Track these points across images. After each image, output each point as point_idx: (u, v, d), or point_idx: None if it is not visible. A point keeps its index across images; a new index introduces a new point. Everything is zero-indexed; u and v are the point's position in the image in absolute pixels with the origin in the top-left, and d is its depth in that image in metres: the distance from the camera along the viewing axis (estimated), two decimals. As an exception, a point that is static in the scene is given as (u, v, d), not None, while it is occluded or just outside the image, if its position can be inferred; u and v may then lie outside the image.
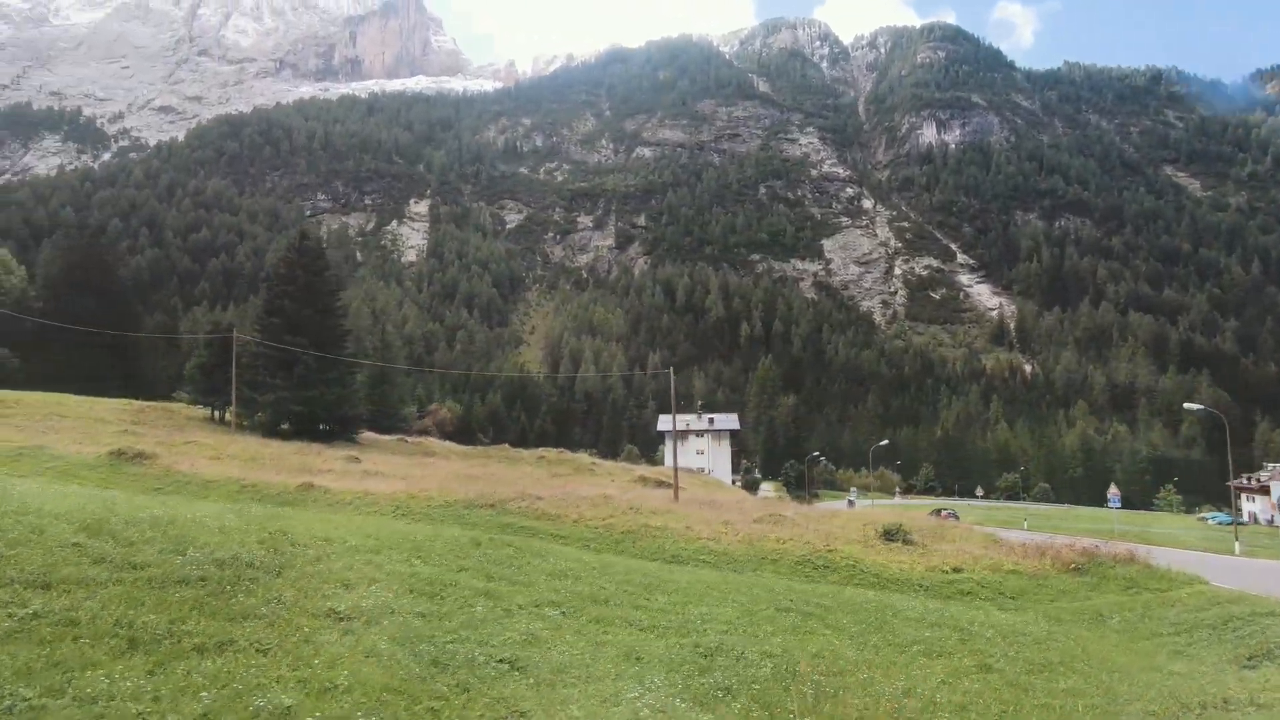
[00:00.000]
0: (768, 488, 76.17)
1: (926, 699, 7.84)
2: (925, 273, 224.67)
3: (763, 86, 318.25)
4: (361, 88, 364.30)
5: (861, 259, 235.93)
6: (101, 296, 62.68)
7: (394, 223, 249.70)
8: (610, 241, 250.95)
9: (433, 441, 52.77)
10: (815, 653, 9.29)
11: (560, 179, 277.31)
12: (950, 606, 13.59)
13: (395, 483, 22.38)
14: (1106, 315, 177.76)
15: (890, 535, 19.64)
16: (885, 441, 76.74)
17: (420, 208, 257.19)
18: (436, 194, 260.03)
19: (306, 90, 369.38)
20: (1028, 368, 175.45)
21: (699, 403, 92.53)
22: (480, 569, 11.10)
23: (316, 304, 42.71)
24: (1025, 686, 8.78)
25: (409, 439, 50.40)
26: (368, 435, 46.29)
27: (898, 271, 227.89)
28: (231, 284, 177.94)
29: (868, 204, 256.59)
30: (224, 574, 7.82)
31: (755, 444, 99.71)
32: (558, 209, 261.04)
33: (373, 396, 60.35)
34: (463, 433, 68.71)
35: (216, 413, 40.64)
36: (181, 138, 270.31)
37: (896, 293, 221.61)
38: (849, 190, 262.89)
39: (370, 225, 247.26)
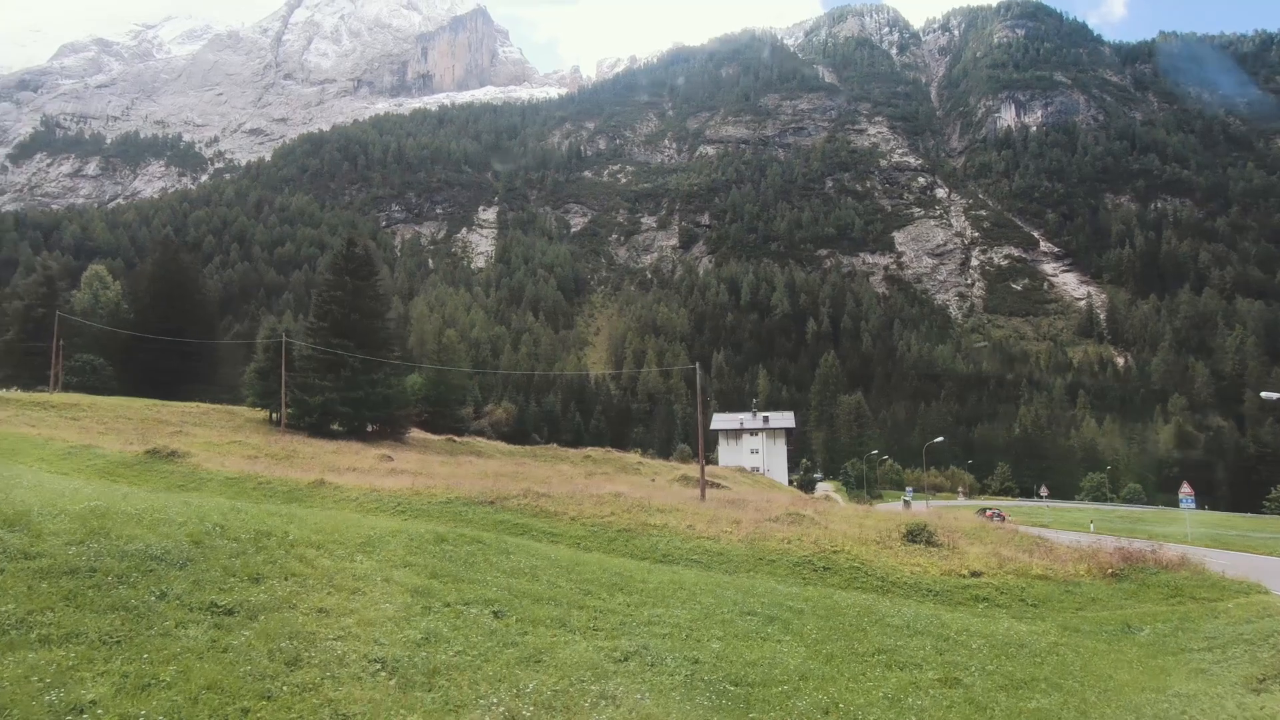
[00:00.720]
0: (826, 487, 73.75)
1: (849, 716, 6.97)
2: (1005, 263, 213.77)
3: (828, 77, 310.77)
4: (432, 101, 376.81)
5: (936, 250, 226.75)
6: (183, 307, 66.77)
7: (464, 230, 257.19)
8: (674, 241, 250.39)
9: (481, 441, 53.63)
10: (752, 660, 8.53)
11: (624, 181, 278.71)
12: (950, 613, 12.44)
13: (406, 479, 22.59)
14: (1210, 302, 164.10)
15: (914, 536, 18.34)
16: (940, 439, 72.64)
17: (488, 215, 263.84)
18: (504, 201, 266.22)
19: (382, 106, 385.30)
20: (1119, 360, 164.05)
21: (754, 400, 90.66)
22: (426, 566, 10.80)
23: (362, 309, 44.12)
24: (985, 705, 7.76)
25: (458, 439, 51.36)
26: (418, 435, 47.51)
27: (975, 262, 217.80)
28: (312, 294, 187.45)
29: (941, 193, 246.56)
30: (121, 565, 7.75)
31: (817, 442, 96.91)
32: (621, 211, 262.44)
33: (429, 398, 61.93)
34: (517, 433, 69.72)
35: (274, 414, 42.59)
36: (269, 157, 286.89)
37: (974, 284, 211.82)
38: (921, 180, 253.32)
39: (441, 233, 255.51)
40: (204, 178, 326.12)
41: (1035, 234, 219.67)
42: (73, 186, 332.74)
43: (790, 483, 71.03)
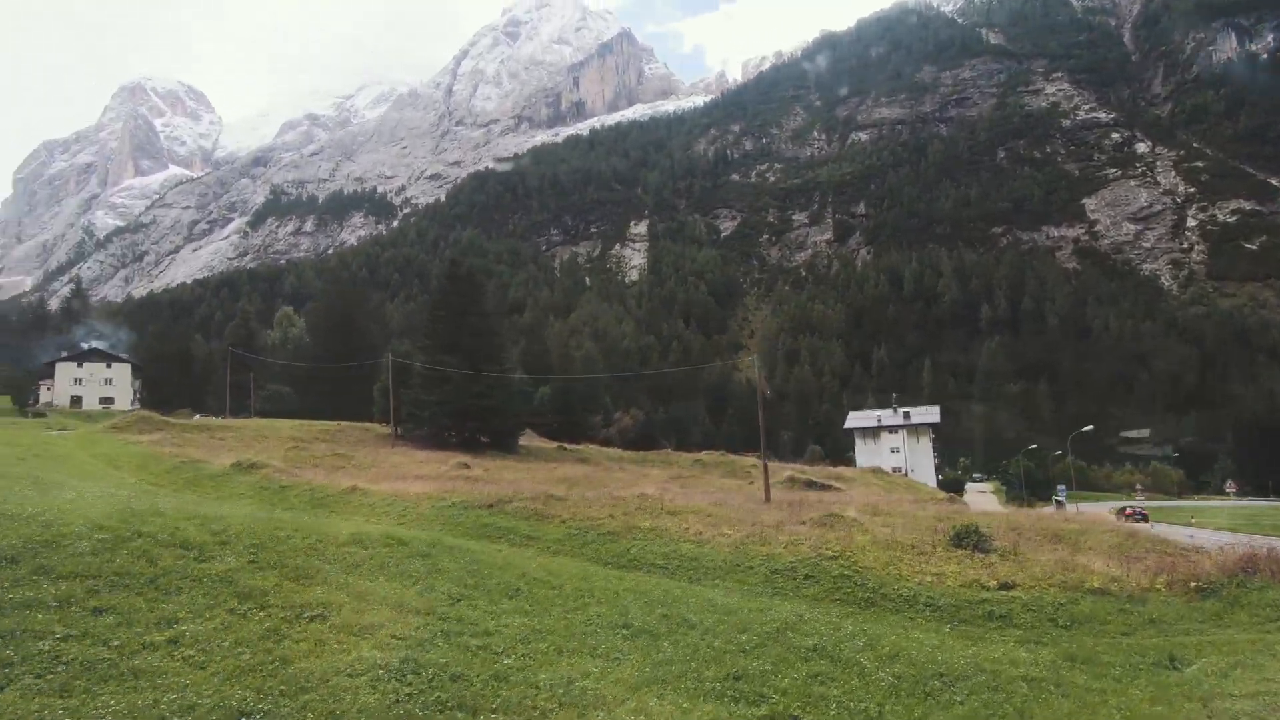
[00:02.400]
0: (984, 487, 65.64)
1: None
2: (1233, 219, 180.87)
3: (994, 39, 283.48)
4: (584, 126, 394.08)
5: (1138, 214, 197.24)
6: (351, 337, 74.93)
7: (617, 246, 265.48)
8: (828, 235, 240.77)
9: (593, 448, 54.23)
10: (549, 679, 7.29)
11: (772, 179, 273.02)
12: (916, 633, 10.05)
13: (443, 484, 23.07)
14: None
15: (960, 540, 15.43)
16: (1138, 432, 61.58)
17: (640, 228, 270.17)
18: (653, 213, 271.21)
19: (540, 137, 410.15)
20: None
21: (893, 396, 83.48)
22: (292, 566, 10.60)
23: (469, 325, 46.54)
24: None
25: (569, 446, 52.37)
26: (532, 444, 49.07)
27: (1192, 223, 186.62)
28: (485, 317, 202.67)
29: (1142, 148, 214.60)
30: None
31: (979, 438, 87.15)
32: (771, 210, 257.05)
33: (558, 408, 63.93)
34: (644, 439, 69.90)
35: (399, 428, 46.24)
36: (443, 198, 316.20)
37: (1191, 249, 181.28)
38: (1115, 136, 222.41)
39: (596, 251, 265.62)
40: (395, 223, 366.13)
41: (1272, 181, 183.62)
42: (295, 243, 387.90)
43: (939, 483, 64.24)
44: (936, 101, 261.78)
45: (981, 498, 58.08)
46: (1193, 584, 11.58)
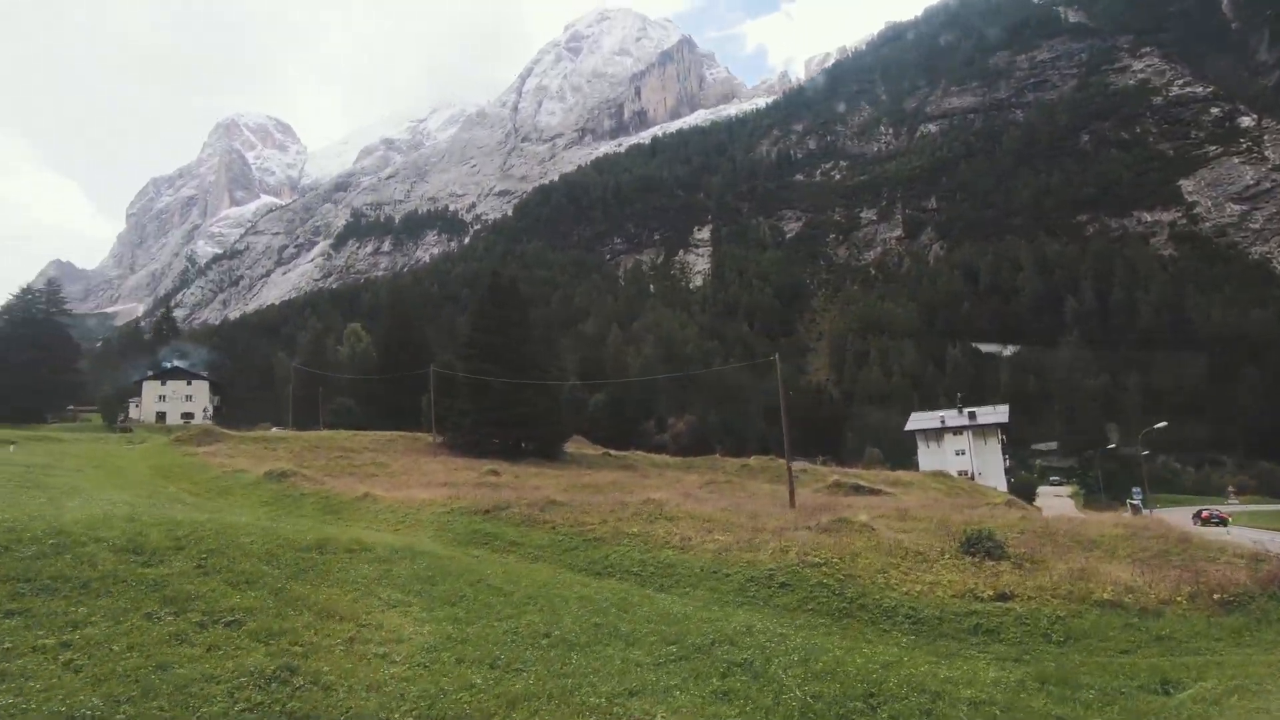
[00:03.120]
0: (1061, 490, 61.01)
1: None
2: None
3: (1073, 17, 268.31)
4: (647, 135, 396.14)
5: (1244, 194, 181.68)
6: (410, 352, 77.21)
7: (680, 252, 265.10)
8: (898, 232, 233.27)
9: (639, 455, 53.70)
10: (421, 690, 6.88)
11: (838, 177, 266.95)
12: (875, 647, 9.14)
13: (444, 491, 23.08)
14: None
15: (971, 546, 14.17)
16: (1163, 424, 55.34)
17: (703, 234, 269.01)
18: (717, 218, 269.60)
19: (604, 148, 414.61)
20: None
21: (959, 395, 79.05)
22: (226, 570, 10.60)
23: (509, 334, 47.02)
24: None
25: (615, 453, 52.06)
26: (580, 451, 49.03)
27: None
28: (548, 326, 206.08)
29: (1247, 121, 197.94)
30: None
31: (1057, 438, 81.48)
32: (837, 209, 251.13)
33: (612, 415, 63.87)
34: (697, 444, 68.86)
35: (447, 437, 47.09)
36: (510, 213, 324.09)
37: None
38: (1214, 110, 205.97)
39: (660, 258, 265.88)
40: (465, 239, 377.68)
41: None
42: (374, 263, 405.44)
43: (1010, 487, 60.29)
44: (1012, 87, 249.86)
45: (1057, 501, 54.12)
46: (1216, 596, 10.09)
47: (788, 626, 10.13)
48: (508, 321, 48.09)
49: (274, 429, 69.20)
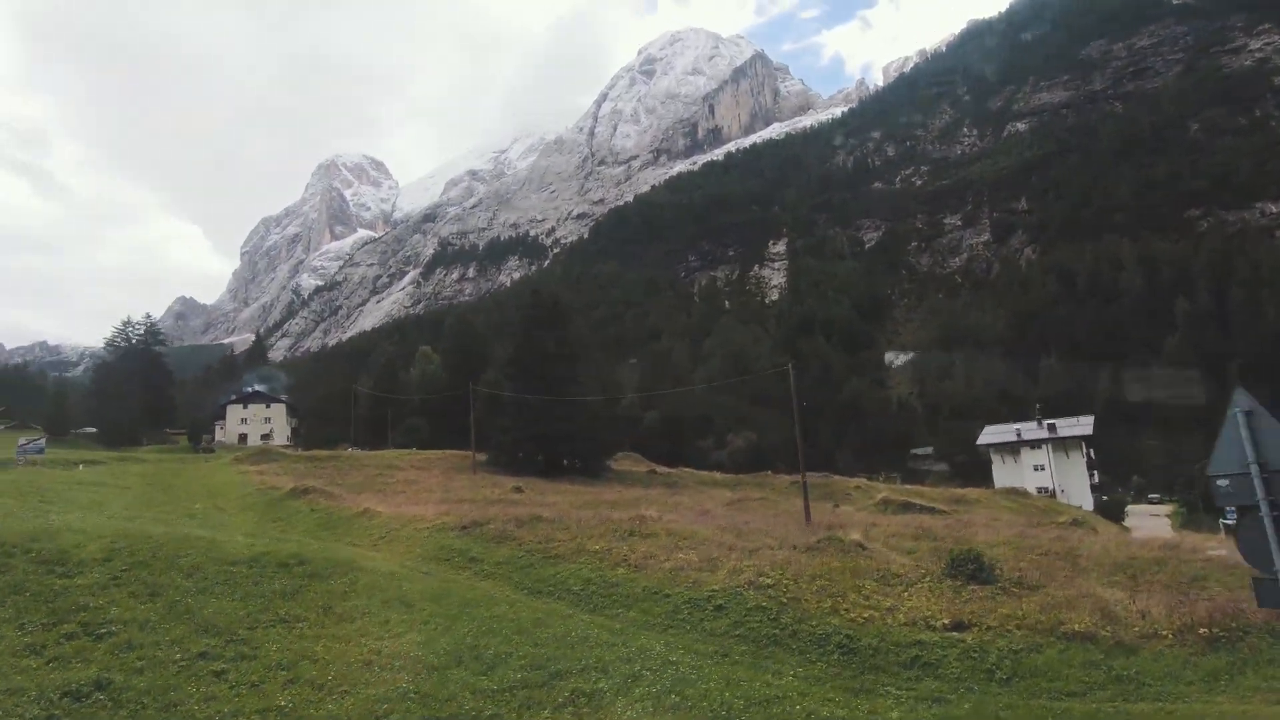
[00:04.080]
0: (1159, 510, 54.87)
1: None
2: None
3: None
4: (720, 152, 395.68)
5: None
6: (472, 372, 79.17)
7: (756, 267, 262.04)
8: (985, 236, 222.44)
9: (687, 472, 52.34)
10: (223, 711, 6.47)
11: (919, 183, 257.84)
12: (769, 679, 8.02)
13: (443, 507, 22.83)
14: None
15: (955, 569, 12.67)
16: None
17: (778, 247, 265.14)
18: (792, 231, 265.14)
19: (679, 167, 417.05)
20: None
21: (1036, 406, 73.02)
22: (137, 583, 10.58)
23: (550, 352, 47.12)
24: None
25: (660, 470, 51.03)
26: (626, 468, 48.34)
27: None
28: (621, 345, 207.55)
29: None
30: None
31: (1159, 454, 73.91)
32: (919, 215, 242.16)
33: (667, 432, 63.09)
34: (757, 460, 66.66)
35: (491, 454, 47.60)
36: (587, 235, 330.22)
37: None
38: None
39: (735, 274, 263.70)
40: (546, 263, 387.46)
41: None
42: (460, 288, 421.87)
43: (1098, 506, 54.92)
44: (1108, 78, 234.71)
45: (1152, 521, 48.70)
46: (1203, 631, 8.37)
47: (692, 653, 9.11)
48: (548, 339, 48.39)
49: (350, 449, 72.32)
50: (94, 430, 71.92)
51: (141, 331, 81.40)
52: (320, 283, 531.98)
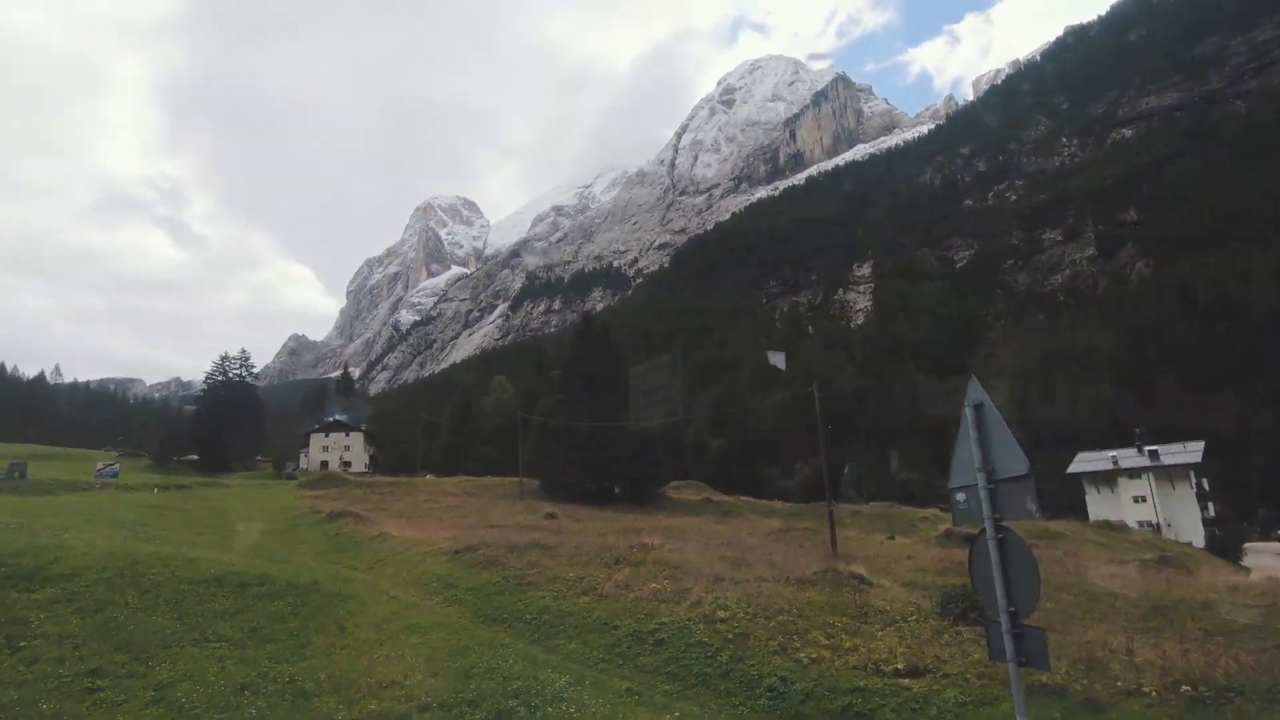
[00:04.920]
0: None
1: None
2: None
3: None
4: (802, 177, 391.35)
5: None
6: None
7: (839, 291, 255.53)
8: (1090, 251, 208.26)
9: (746, 501, 50.20)
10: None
11: (1013, 198, 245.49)
12: (604, 708, 7.16)
13: (456, 532, 22.55)
14: None
15: (947, 606, 11.29)
16: None
17: (863, 270, 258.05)
18: (877, 253, 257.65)
19: (761, 193, 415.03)
20: None
21: (1137, 431, 65.93)
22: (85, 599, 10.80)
23: (598, 378, 46.85)
24: None
25: (715, 498, 49.33)
26: (682, 496, 47.10)
27: None
28: (704, 372, 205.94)
29: None
30: None
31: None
32: (1015, 232, 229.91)
33: (730, 460, 61.57)
34: (833, 489, 63.23)
35: (541, 482, 47.65)
36: (668, 264, 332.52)
37: None
38: None
39: (818, 299, 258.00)
40: (629, 293, 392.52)
41: None
42: (547, 320, 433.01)
43: (1211, 541, 48.63)
44: (1226, 76, 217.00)
45: (1277, 561, 42.52)
46: (1185, 689, 6.82)
47: (602, 692, 8.27)
48: (596, 365, 48.31)
49: (428, 475, 74.71)
50: (195, 458, 77.98)
51: (237, 365, 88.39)
52: (417, 318, 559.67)
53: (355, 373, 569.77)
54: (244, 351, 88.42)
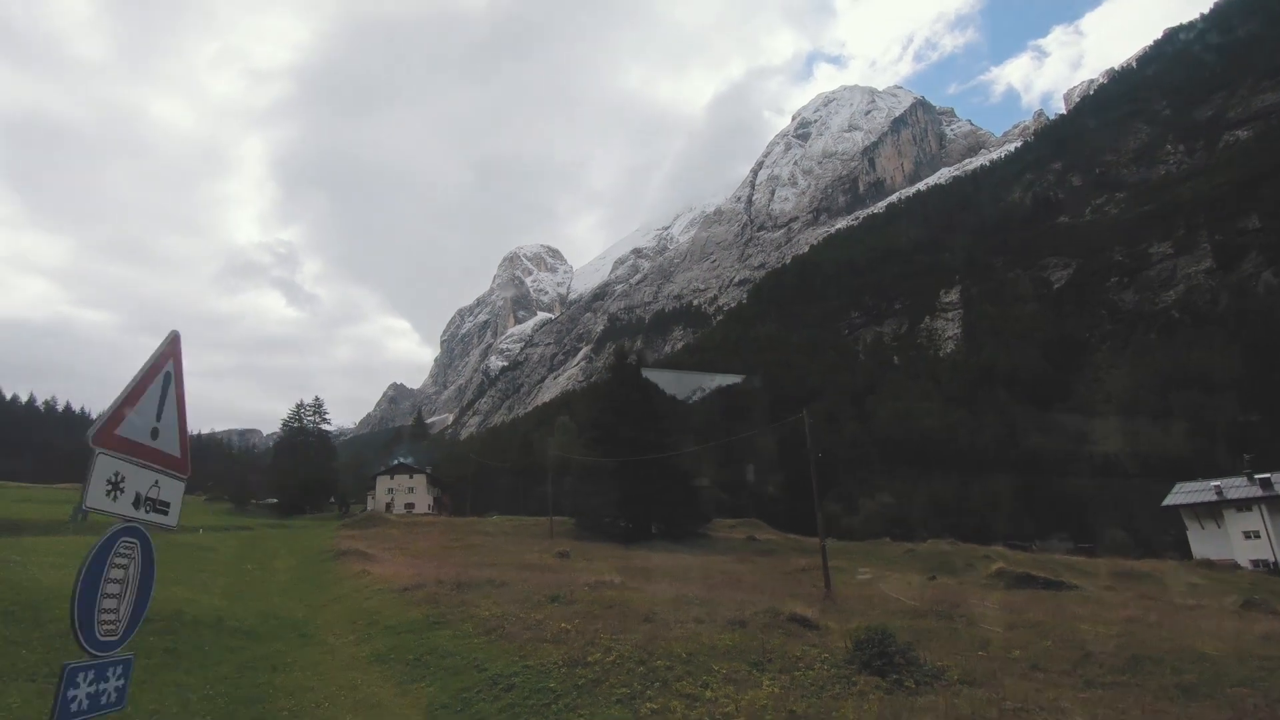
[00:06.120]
0: None
1: None
2: None
3: None
4: (883, 204, 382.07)
5: None
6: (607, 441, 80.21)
7: (926, 319, 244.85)
8: (1207, 264, 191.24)
9: (793, 539, 47.16)
10: None
11: (1114, 211, 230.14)
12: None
13: (424, 567, 21.90)
14: None
15: (862, 653, 9.74)
16: None
17: (950, 296, 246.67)
18: (965, 277, 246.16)
19: (841, 224, 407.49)
20: None
21: (1245, 457, 57.61)
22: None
23: (632, 414, 45.77)
24: None
25: (761, 537, 46.57)
26: (726, 535, 44.90)
27: None
28: (780, 408, 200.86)
29: None
30: None
31: None
32: (1117, 247, 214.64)
33: (792, 496, 59.02)
34: (897, 525, 58.74)
35: (576, 520, 46.69)
36: (746, 301, 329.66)
37: None
38: None
39: (903, 328, 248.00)
40: (709, 330, 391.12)
41: None
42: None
43: None
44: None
45: None
46: None
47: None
48: (629, 402, 47.35)
49: (495, 515, 75.60)
50: (274, 501, 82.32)
51: (311, 412, 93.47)
52: (505, 363, 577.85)
53: (449, 418, 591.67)
54: (317, 399, 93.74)
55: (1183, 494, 55.49)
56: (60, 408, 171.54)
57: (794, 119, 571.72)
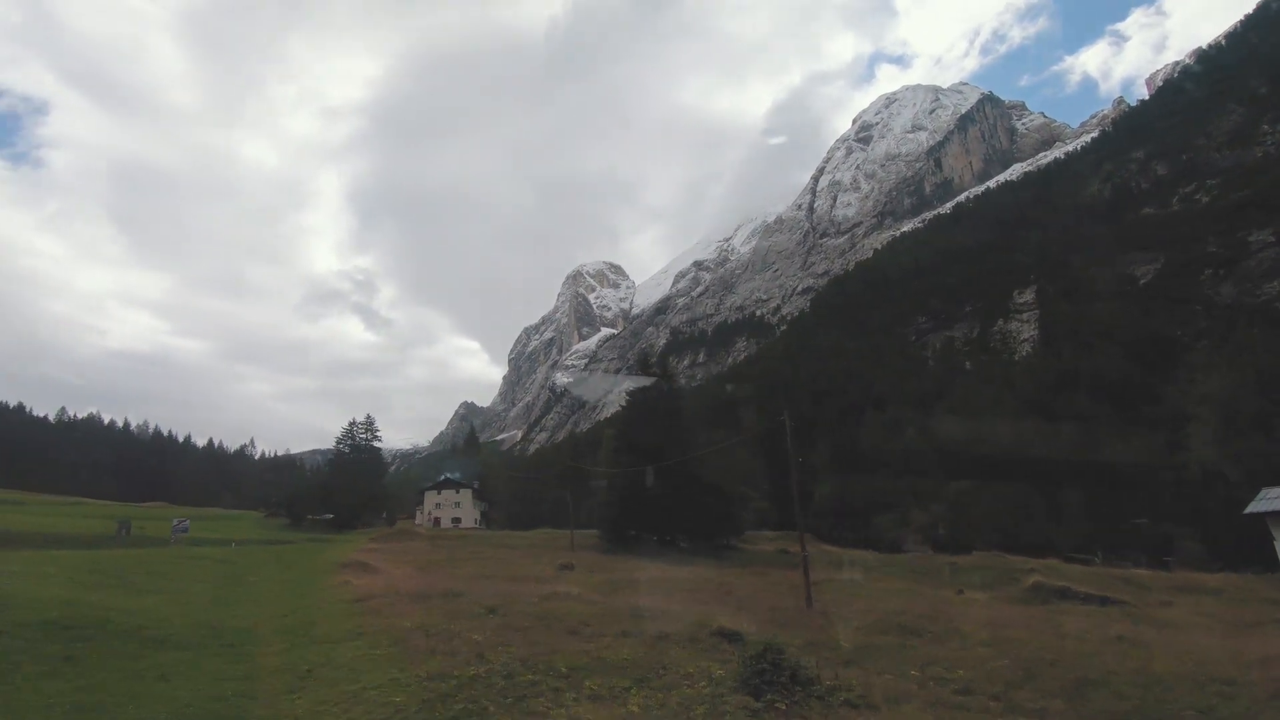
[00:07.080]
0: None
1: None
2: None
3: None
4: (951, 205, 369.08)
5: None
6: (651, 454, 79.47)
7: (999, 321, 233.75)
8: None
9: (827, 551, 44.83)
10: None
11: (1205, 200, 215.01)
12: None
13: (415, 582, 21.51)
14: None
15: (748, 672, 8.83)
16: None
17: (1026, 297, 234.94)
18: (1041, 277, 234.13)
19: (907, 226, 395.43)
20: None
21: None
22: None
23: (659, 425, 44.74)
24: None
25: (794, 550, 44.31)
26: (757, 548, 43.15)
27: None
28: (846, 415, 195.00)
29: None
30: None
31: None
32: (1210, 238, 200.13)
33: (836, 510, 56.85)
34: (954, 539, 55.14)
35: (599, 533, 45.84)
36: (808, 309, 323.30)
37: None
38: None
39: (975, 331, 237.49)
40: (771, 341, 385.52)
41: None
42: (692, 374, 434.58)
43: None
44: None
45: None
46: None
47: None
48: (654, 413, 46.38)
49: (544, 529, 75.91)
50: (330, 516, 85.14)
51: (363, 430, 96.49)
52: (571, 380, 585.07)
53: (517, 435, 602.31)
54: (369, 417, 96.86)
55: (1268, 500, 49.92)
56: (150, 431, 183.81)
57: (854, 122, 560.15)
